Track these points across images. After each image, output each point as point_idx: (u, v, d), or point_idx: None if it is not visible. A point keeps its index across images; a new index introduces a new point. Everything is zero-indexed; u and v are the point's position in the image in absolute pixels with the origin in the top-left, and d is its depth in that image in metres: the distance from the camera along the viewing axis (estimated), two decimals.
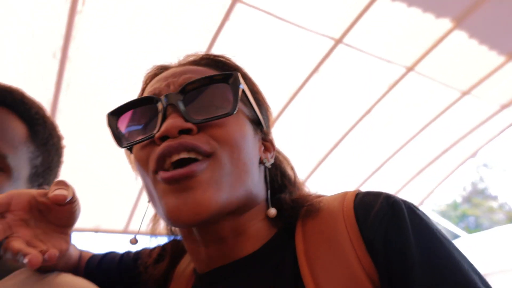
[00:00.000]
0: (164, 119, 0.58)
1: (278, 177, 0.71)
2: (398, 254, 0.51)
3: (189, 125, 0.57)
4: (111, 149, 2.99)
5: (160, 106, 0.59)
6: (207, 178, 0.56)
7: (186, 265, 0.73)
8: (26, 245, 0.53)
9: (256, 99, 0.69)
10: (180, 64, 0.70)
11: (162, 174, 0.57)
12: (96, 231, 3.73)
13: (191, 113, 0.58)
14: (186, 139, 0.56)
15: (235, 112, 0.58)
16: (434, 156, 4.65)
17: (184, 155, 0.56)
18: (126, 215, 3.86)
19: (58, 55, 2.67)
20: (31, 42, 2.61)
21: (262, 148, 0.68)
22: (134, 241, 0.69)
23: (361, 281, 0.51)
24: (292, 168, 0.74)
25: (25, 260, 0.51)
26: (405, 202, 0.57)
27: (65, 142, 0.94)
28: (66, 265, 0.76)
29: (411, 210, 0.55)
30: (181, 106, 0.58)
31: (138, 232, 0.70)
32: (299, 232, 0.61)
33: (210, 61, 0.69)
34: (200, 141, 0.57)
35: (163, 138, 0.57)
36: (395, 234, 0.52)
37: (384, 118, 3.88)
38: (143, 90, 0.70)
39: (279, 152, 0.75)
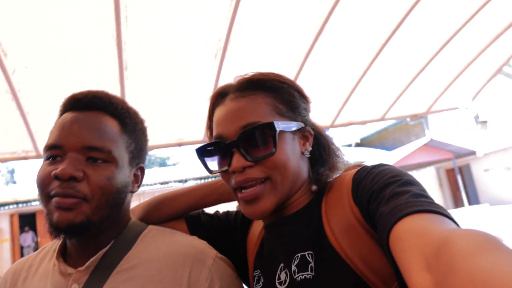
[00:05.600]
0: (231, 157, 0.84)
1: (315, 149, 0.96)
2: (365, 190, 0.76)
3: (248, 163, 0.83)
4: (181, 69, 3.22)
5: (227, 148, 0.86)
6: (266, 194, 0.84)
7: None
8: None
9: (292, 107, 0.91)
10: (233, 92, 0.90)
11: (239, 195, 0.87)
12: (180, 144, 4.17)
13: (249, 153, 0.84)
14: (248, 174, 0.83)
15: (275, 152, 0.82)
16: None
17: (248, 184, 0.85)
18: (202, 127, 4.01)
19: None
20: None
21: (302, 141, 0.92)
22: None
23: (352, 221, 0.78)
24: (326, 138, 0.99)
25: None
26: (375, 164, 0.82)
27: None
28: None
29: (376, 166, 0.80)
30: (241, 149, 0.84)
31: None
32: (324, 197, 0.88)
33: (256, 85, 0.89)
34: (257, 173, 0.84)
35: (234, 172, 0.84)
36: (364, 181, 0.78)
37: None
38: (211, 110, 0.95)
39: (315, 130, 0.98)
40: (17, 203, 17.19)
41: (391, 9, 3.33)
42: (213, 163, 0.92)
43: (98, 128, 0.93)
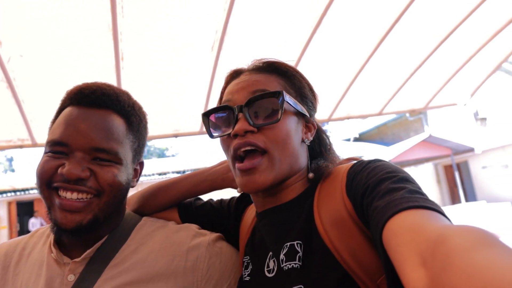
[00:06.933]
0: (236, 121, 0.85)
1: (316, 145, 1.00)
2: (359, 184, 0.75)
3: (251, 128, 0.84)
4: (178, 60, 3.20)
5: (233, 112, 0.86)
6: (263, 168, 0.84)
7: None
8: None
9: (301, 94, 0.94)
10: (248, 70, 0.95)
11: (237, 165, 0.86)
12: (176, 135, 4.22)
13: (253, 118, 0.85)
14: (249, 138, 0.83)
15: (280, 119, 0.83)
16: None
17: (248, 148, 0.84)
18: (199, 118, 4.07)
19: None
20: None
21: (304, 130, 0.93)
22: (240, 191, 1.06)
23: (344, 215, 0.78)
24: (327, 137, 1.02)
25: None
26: (371, 159, 0.82)
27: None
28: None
29: (372, 161, 0.80)
30: (247, 114, 0.85)
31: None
32: (318, 188, 0.88)
33: (271, 67, 0.94)
34: (258, 139, 0.83)
35: (235, 135, 0.84)
36: (359, 176, 0.78)
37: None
38: (224, 88, 0.97)
39: (318, 126, 1.01)
40: (15, 191, 17.24)
41: (390, 2, 3.30)
42: (217, 128, 0.93)
43: (105, 129, 0.92)
